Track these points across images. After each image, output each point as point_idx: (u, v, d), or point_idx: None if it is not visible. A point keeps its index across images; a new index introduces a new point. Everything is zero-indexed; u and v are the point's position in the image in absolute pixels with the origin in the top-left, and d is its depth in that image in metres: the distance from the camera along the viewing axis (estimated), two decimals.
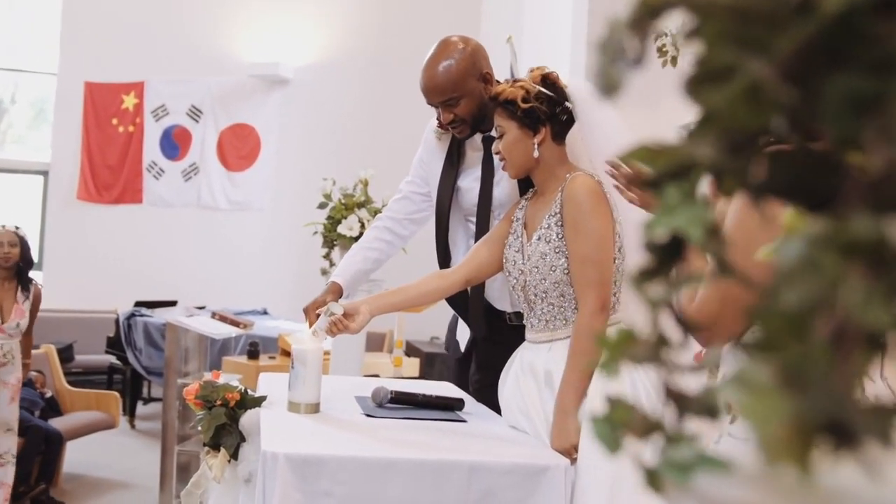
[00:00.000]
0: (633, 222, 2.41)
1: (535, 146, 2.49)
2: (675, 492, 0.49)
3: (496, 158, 2.81)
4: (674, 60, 3.90)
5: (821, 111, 0.40)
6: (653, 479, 0.50)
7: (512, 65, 5.98)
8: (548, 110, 2.48)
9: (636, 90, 2.28)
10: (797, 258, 0.40)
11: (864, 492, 0.39)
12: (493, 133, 2.73)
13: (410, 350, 7.67)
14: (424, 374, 7.23)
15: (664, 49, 3.92)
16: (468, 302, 2.97)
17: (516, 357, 2.59)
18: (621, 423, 0.50)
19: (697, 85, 0.43)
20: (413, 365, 7.10)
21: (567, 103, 2.50)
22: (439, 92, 2.79)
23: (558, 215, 2.43)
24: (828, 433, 0.37)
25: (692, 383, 0.70)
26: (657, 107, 5.31)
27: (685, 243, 0.49)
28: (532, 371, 2.46)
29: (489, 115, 2.76)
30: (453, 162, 2.97)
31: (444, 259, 3.01)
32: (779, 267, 0.41)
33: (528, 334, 2.56)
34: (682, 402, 0.51)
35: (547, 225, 2.45)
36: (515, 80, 2.53)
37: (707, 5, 0.42)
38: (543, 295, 2.45)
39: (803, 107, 0.40)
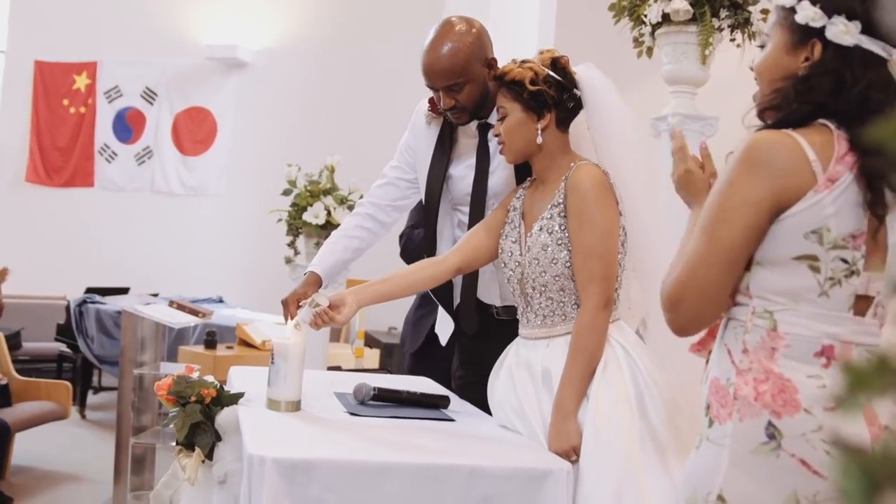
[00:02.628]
0: (639, 215, 2.31)
1: (539, 131, 2.38)
2: None
3: (492, 146, 2.70)
4: (649, 51, 3.83)
5: None
6: None
7: None
8: (555, 95, 2.38)
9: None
10: None
11: None
12: (491, 118, 2.62)
13: (369, 340, 7.56)
14: (384, 365, 7.12)
15: (640, 39, 3.85)
16: (455, 295, 2.86)
17: (509, 353, 2.48)
18: (881, 476, 0.39)
19: None
20: (373, 356, 6.99)
21: (575, 90, 2.40)
22: (444, 76, 2.65)
23: (561, 205, 2.32)
24: None
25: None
26: (628, 99, 5.24)
27: None
28: (528, 368, 2.36)
29: (490, 102, 2.64)
30: (445, 148, 2.83)
31: (431, 249, 2.88)
32: None
33: (522, 330, 2.45)
34: None
35: (549, 215, 2.34)
36: (524, 61, 2.42)
37: None
38: (542, 289, 2.34)
39: None
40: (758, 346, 1.58)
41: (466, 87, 2.65)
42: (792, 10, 1.64)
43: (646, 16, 3.73)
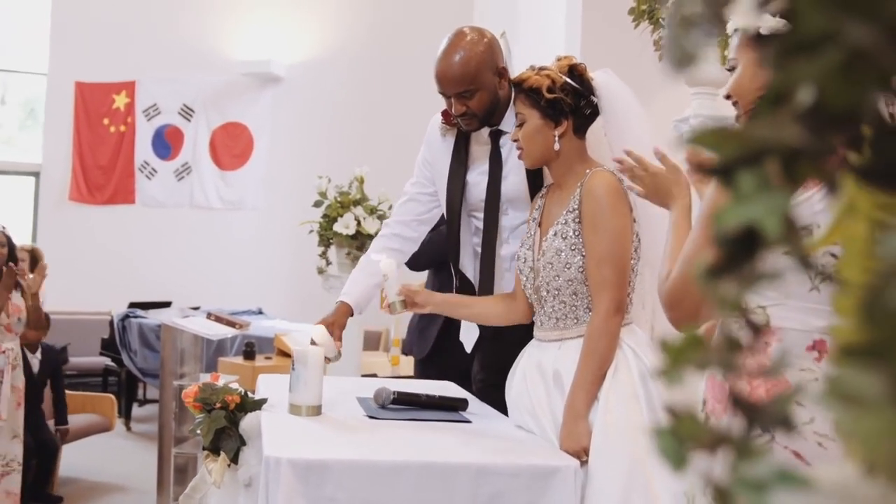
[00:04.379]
0: (656, 220, 2.35)
1: (556, 138, 2.41)
2: None
3: (504, 151, 2.77)
4: None
5: None
6: (723, 498, 0.45)
7: (505, 60, 5.93)
8: (572, 103, 2.41)
9: (630, 84, 2.21)
10: None
11: None
12: (503, 125, 2.69)
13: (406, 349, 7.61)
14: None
15: (661, 42, 3.88)
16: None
17: (524, 355, 2.53)
18: (688, 436, 0.45)
19: (783, 57, 0.38)
20: (410, 363, 7.05)
21: (593, 97, 2.43)
22: (455, 83, 2.73)
23: (576, 211, 2.36)
24: None
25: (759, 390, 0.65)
26: (651, 102, 5.28)
27: (760, 237, 0.44)
28: (540, 370, 2.41)
29: (500, 109, 2.71)
30: (461, 157, 2.91)
31: (456, 258, 2.95)
32: (883, 262, 0.36)
33: (536, 332, 2.50)
34: (752, 412, 0.46)
35: (564, 220, 2.38)
36: (541, 69, 2.46)
37: None
38: (556, 292, 2.39)
39: None
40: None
41: (477, 94, 2.73)
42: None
43: (664, 19, 3.77)
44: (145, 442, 7.26)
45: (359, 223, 5.16)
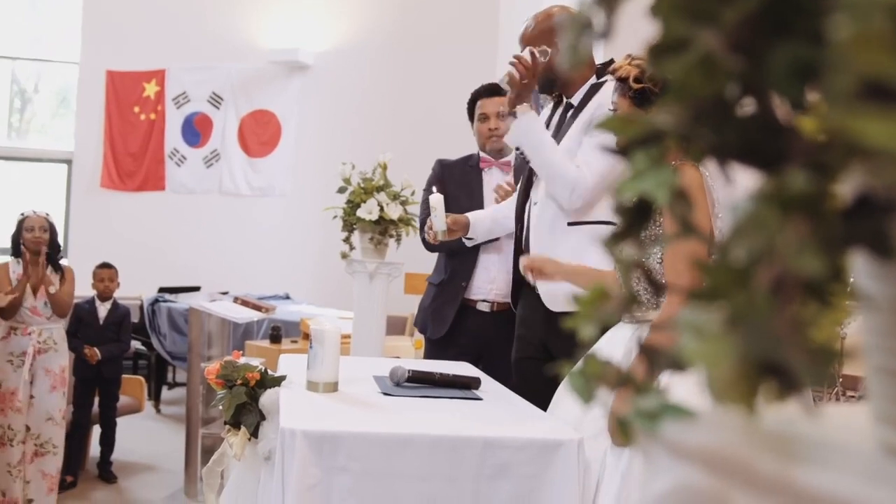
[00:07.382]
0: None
1: None
2: (644, 439, 0.52)
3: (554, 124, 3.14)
4: None
5: (767, 78, 0.43)
6: (624, 428, 0.53)
7: None
8: (661, 93, 2.38)
9: None
10: (746, 215, 0.43)
11: (805, 430, 0.42)
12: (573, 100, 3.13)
13: None
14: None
15: None
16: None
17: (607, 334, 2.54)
18: (594, 375, 0.53)
19: (658, 56, 0.46)
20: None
21: None
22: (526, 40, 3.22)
23: None
24: (770, 375, 0.40)
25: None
26: None
27: (652, 206, 0.52)
28: (610, 346, 2.40)
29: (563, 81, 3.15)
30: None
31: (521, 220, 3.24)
32: (733, 224, 0.45)
33: None
34: (652, 356, 0.55)
35: None
36: (635, 58, 2.46)
37: None
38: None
39: (752, 74, 0.43)
40: None
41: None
42: None
43: None
44: (174, 423, 7.42)
45: (381, 209, 5.24)
